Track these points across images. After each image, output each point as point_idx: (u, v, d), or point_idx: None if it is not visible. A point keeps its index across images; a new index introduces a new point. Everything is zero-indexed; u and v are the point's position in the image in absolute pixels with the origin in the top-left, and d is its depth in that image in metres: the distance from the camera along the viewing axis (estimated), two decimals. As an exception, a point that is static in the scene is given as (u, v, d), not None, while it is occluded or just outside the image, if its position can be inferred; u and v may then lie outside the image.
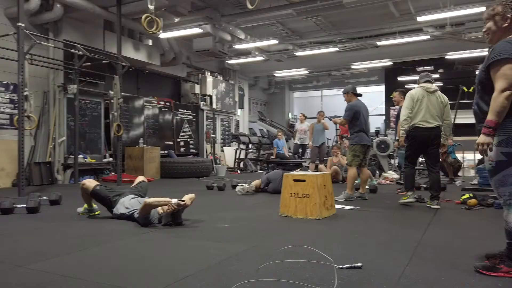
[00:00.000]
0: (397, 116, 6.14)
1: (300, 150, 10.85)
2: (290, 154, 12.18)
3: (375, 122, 16.27)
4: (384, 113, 16.89)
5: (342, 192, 5.34)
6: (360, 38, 11.85)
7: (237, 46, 11.32)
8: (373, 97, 17.02)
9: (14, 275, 2.20)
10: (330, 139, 11.25)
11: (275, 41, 11.10)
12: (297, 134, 10.78)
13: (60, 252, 2.70)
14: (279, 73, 15.80)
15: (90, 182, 4.01)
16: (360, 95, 5.64)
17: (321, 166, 8.63)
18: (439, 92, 4.78)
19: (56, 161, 8.07)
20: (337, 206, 4.55)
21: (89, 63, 7.88)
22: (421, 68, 14.54)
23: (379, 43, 11.44)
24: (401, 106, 6.12)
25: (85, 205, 4.14)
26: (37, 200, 4.38)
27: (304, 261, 2.39)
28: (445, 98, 4.80)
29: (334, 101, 18.12)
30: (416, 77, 5.87)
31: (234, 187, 6.38)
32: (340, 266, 2.28)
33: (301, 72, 15.44)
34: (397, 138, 5.94)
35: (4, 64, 7.00)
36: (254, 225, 3.73)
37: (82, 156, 8.33)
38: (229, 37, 10.52)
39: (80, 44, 7.23)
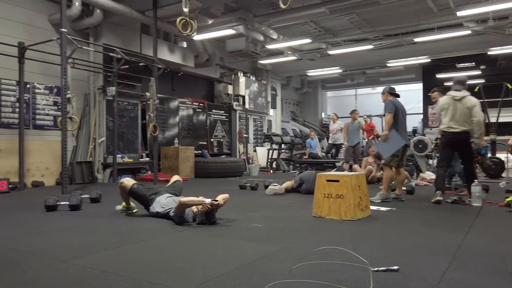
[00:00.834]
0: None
1: (333, 150, 10.71)
2: (323, 154, 12.04)
3: (412, 121, 15.78)
4: (421, 112, 16.34)
5: (378, 193, 5.22)
6: (396, 35, 11.53)
7: (270, 46, 11.33)
8: (410, 95, 16.50)
9: (58, 270, 2.31)
10: (365, 139, 11.01)
11: (308, 40, 11.00)
12: (330, 134, 10.65)
13: (100, 248, 2.81)
14: (312, 72, 15.66)
15: (128, 181, 4.14)
16: (398, 95, 5.50)
17: (356, 166, 8.46)
18: (467, 98, 4.96)
19: (96, 160, 8.41)
20: (372, 207, 4.44)
21: (126, 66, 8.15)
22: (461, 65, 13.94)
23: (416, 39, 11.08)
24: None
25: (123, 203, 4.28)
26: (79, 198, 4.58)
27: (338, 263, 2.35)
28: (472, 102, 4.95)
29: (369, 100, 17.75)
30: (456, 74, 5.68)
31: (266, 187, 6.38)
32: (376, 268, 2.22)
33: (335, 70, 15.22)
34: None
35: (48, 68, 7.39)
36: (286, 225, 3.71)
37: (120, 156, 8.63)
38: (261, 37, 10.55)
39: (119, 47, 7.50)
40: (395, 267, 2.25)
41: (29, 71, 7.03)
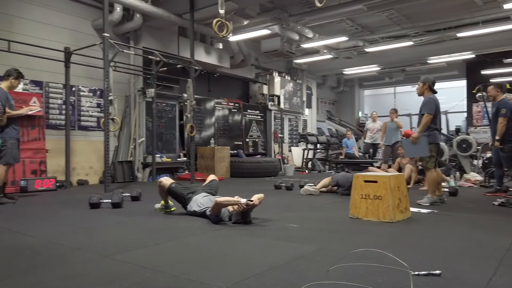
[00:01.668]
0: (496, 113, 5.60)
1: (371, 150, 10.46)
2: (360, 154, 11.79)
3: (456, 120, 15.12)
4: (465, 109, 15.60)
5: (425, 196, 4.99)
6: (437, 30, 11.09)
7: (305, 45, 11.24)
8: (453, 92, 15.81)
9: (101, 264, 2.41)
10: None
11: (344, 38, 10.82)
12: (368, 133, 10.41)
13: (140, 245, 2.90)
14: (348, 71, 15.37)
15: (166, 180, 4.26)
16: (436, 91, 5.15)
17: (396, 166, 8.20)
18: None
19: (136, 160, 8.71)
20: (412, 209, 4.30)
21: (165, 68, 8.37)
22: (508, 60, 13.18)
23: (459, 34, 10.60)
24: (499, 102, 5.62)
25: (162, 202, 4.40)
26: (120, 196, 4.75)
27: (377, 266, 2.29)
28: None
29: (408, 98, 17.16)
30: (503, 70, 5.41)
31: (301, 187, 6.34)
32: (416, 272, 2.15)
33: (372, 68, 14.86)
34: (497, 137, 5.48)
35: (92, 71, 7.73)
36: (323, 226, 3.67)
37: (159, 155, 8.88)
38: (297, 37, 10.49)
39: (157, 50, 7.72)
40: (437, 272, 2.16)
41: (74, 75, 7.38)
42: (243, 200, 3.57)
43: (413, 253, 2.68)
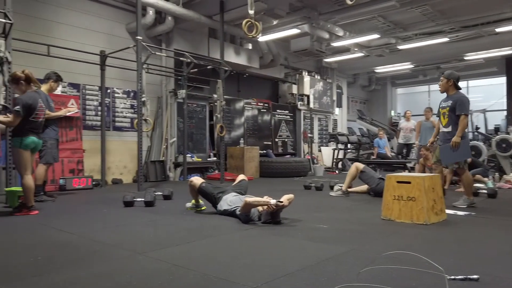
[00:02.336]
0: None
1: (404, 150, 10.19)
2: (393, 154, 11.51)
3: (495, 119, 14.44)
4: (505, 108, 14.88)
5: (461, 198, 4.81)
6: (475, 25, 10.63)
7: (335, 44, 11.09)
8: (491, 90, 15.14)
9: (136, 261, 2.48)
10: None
11: (376, 36, 10.60)
12: (401, 133, 10.14)
13: (172, 243, 2.96)
14: (380, 69, 15.04)
15: (197, 180, 4.33)
16: (460, 88, 4.87)
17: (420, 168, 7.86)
18: None
19: (168, 160, 8.90)
20: (448, 211, 4.16)
21: (195, 69, 8.51)
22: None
23: (498, 29, 10.13)
24: None
25: (193, 201, 4.47)
26: (153, 195, 4.87)
27: (410, 269, 2.23)
28: None
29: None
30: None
31: (332, 187, 6.26)
32: (453, 277, 2.07)
33: (405, 66, 14.47)
34: None
35: (125, 73, 7.97)
36: (353, 227, 3.61)
37: (190, 155, 9.04)
38: (327, 35, 10.37)
39: (188, 52, 7.86)
40: (475, 276, 2.08)
41: (109, 77, 7.63)
42: (273, 201, 3.57)
43: (448, 256, 2.59)
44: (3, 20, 4.81)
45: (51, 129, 5.32)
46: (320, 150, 13.41)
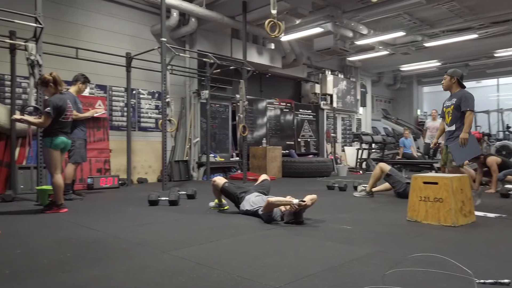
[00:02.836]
0: None
1: (431, 150, 9.94)
2: (419, 154, 11.24)
3: (527, 117, 13.91)
4: (539, 106, 14.30)
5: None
6: (506, 21, 10.25)
7: (359, 42, 10.94)
8: (523, 88, 14.57)
9: (160, 259, 2.53)
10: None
11: (401, 33, 10.38)
12: (427, 133, 9.89)
13: (196, 241, 3.00)
14: (406, 67, 14.73)
15: (219, 180, 4.36)
16: (465, 86, 4.75)
17: (466, 168, 7.56)
18: None
19: (191, 159, 9.01)
20: (477, 213, 4.02)
21: (218, 70, 8.58)
22: None
23: (531, 24, 9.73)
24: None
25: (216, 200, 4.51)
26: (177, 194, 4.95)
27: (437, 272, 2.17)
28: None
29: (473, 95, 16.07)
30: None
31: (355, 188, 6.18)
32: (482, 280, 2.01)
33: (432, 64, 14.11)
34: None
35: (150, 75, 8.13)
36: (378, 228, 3.55)
37: (213, 155, 9.12)
38: (350, 34, 10.24)
39: (211, 53, 7.93)
40: (506, 281, 2.00)
41: (134, 79, 7.80)
42: (296, 201, 3.55)
43: (478, 259, 2.51)
44: (34, 25, 4.98)
45: (79, 129, 5.47)
46: (343, 150, 13.26)
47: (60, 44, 6.39)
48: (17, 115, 4.67)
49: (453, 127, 4.70)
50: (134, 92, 8.22)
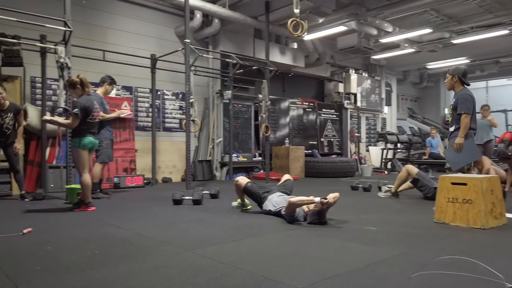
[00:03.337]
0: None
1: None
2: (447, 154, 10.91)
3: None
4: None
5: None
6: (539, 15, 9.83)
7: (384, 40, 10.74)
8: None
9: (183, 258, 2.56)
10: (497, 137, 9.62)
11: (428, 30, 10.12)
12: (455, 132, 9.59)
13: (219, 240, 3.02)
14: (433, 65, 14.34)
15: (242, 179, 4.38)
16: (468, 84, 4.56)
17: (495, 168, 7.24)
18: None
19: (214, 159, 9.09)
20: (508, 215, 3.88)
21: (241, 70, 8.62)
22: None
23: None
24: None
25: (239, 200, 4.53)
26: (200, 193, 5.00)
27: (466, 275, 2.11)
28: None
29: (503, 93, 15.53)
30: None
31: (380, 188, 6.07)
32: (514, 286, 1.94)
33: (461, 61, 13.66)
34: None
35: (174, 76, 8.24)
36: (404, 230, 3.48)
37: (235, 155, 9.17)
38: (375, 32, 10.07)
39: (234, 53, 7.98)
40: (540, 287, 1.92)
41: (159, 80, 7.93)
42: (317, 199, 3.52)
43: (509, 263, 2.42)
44: (63, 28, 5.15)
45: (106, 130, 5.61)
46: (368, 150, 13.05)
47: (87, 47, 6.57)
48: (47, 116, 4.84)
49: (452, 129, 4.58)
50: (158, 93, 8.36)
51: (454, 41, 11.16)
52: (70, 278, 2.15)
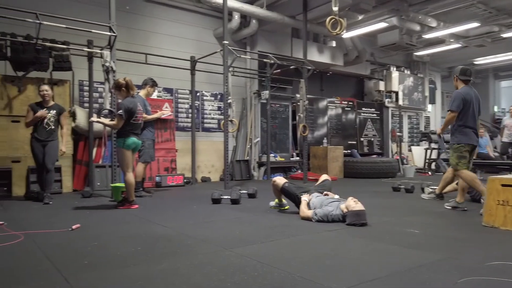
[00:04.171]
0: None
1: (510, 150, 9.11)
2: (496, 154, 10.33)
3: None
4: None
5: (451, 200, 4.59)
6: None
7: (428, 36, 10.32)
8: None
9: (222, 256, 2.60)
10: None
11: (475, 24, 9.62)
12: (505, 131, 9.07)
13: (257, 240, 3.04)
14: (480, 60, 13.61)
15: (280, 180, 4.37)
16: (469, 80, 4.55)
17: None
18: None
19: (252, 159, 9.14)
20: None
21: (278, 70, 8.61)
22: None
23: None
24: None
25: (276, 200, 4.53)
26: (238, 193, 5.05)
27: (518, 283, 1.99)
28: None
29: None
30: None
31: (423, 189, 5.84)
32: None
33: (511, 56, 12.89)
34: None
35: (213, 77, 8.38)
36: (449, 233, 3.33)
37: (273, 155, 9.17)
38: (418, 27, 9.71)
39: (271, 53, 7.98)
40: None
41: (198, 81, 8.09)
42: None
43: None
44: (108, 33, 5.38)
45: (148, 130, 5.80)
46: (410, 150, 12.63)
47: (131, 51, 6.83)
48: (94, 118, 5.07)
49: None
50: (198, 94, 8.53)
51: (504, 35, 10.54)
52: (115, 273, 2.25)
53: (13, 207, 4.75)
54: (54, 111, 5.26)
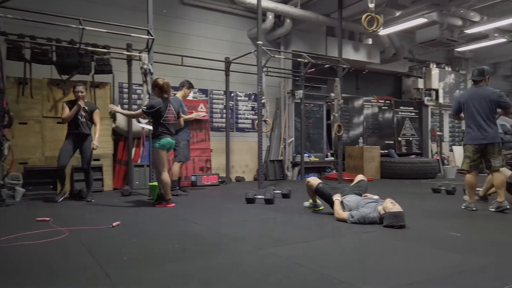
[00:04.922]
0: None
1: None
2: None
3: None
4: None
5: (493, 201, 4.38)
6: None
7: (470, 31, 9.86)
8: None
9: (256, 256, 2.61)
10: None
11: (522, 18, 9.08)
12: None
13: (291, 240, 3.03)
14: (528, 55, 12.84)
15: (314, 180, 4.32)
16: (476, 81, 4.68)
17: None
18: None
19: (286, 159, 9.11)
20: None
21: (313, 69, 8.52)
22: None
23: None
24: None
25: (310, 200, 4.49)
26: (272, 193, 5.05)
27: None
28: None
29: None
30: None
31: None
32: None
33: None
34: None
35: (247, 78, 8.42)
36: (493, 237, 3.16)
37: (307, 155, 9.10)
38: (459, 22, 9.30)
39: (305, 52, 7.92)
40: None
41: (232, 82, 8.17)
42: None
43: None
44: (146, 37, 5.54)
45: (183, 131, 5.92)
46: (451, 150, 12.12)
47: (168, 53, 7.00)
48: (113, 106, 5.24)
49: None
50: (232, 94, 8.61)
51: (555, 28, 9.88)
52: (153, 269, 2.31)
53: (59, 205, 5.00)
54: (87, 108, 5.42)
